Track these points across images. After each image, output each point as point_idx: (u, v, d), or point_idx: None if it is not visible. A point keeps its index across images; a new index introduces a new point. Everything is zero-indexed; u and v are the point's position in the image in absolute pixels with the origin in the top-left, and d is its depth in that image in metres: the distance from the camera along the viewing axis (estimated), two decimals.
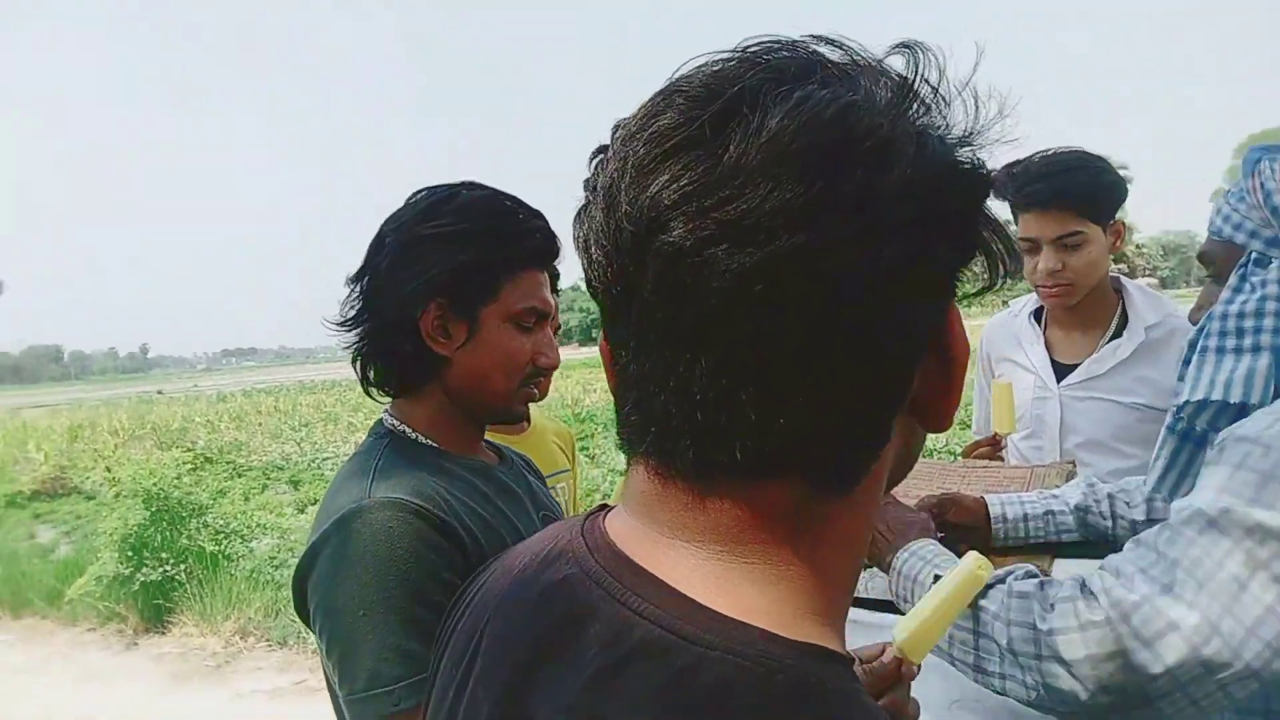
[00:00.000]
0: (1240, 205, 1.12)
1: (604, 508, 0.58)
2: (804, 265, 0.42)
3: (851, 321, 0.43)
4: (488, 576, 0.64)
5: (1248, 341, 1.10)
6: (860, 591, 1.40)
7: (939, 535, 1.42)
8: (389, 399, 1.24)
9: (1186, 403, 1.15)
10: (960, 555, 1.42)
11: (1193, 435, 1.18)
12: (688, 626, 0.46)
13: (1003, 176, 1.87)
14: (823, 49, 0.48)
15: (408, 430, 1.20)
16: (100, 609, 5.78)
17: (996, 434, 1.89)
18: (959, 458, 1.99)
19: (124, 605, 5.70)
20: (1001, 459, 1.89)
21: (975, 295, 0.52)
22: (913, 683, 1.08)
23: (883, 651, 0.95)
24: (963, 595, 0.94)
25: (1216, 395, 1.10)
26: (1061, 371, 1.96)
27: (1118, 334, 1.92)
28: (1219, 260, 1.21)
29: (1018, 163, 1.87)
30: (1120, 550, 1.40)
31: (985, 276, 0.50)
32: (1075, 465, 1.70)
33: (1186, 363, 1.18)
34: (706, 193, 0.43)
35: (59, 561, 7.03)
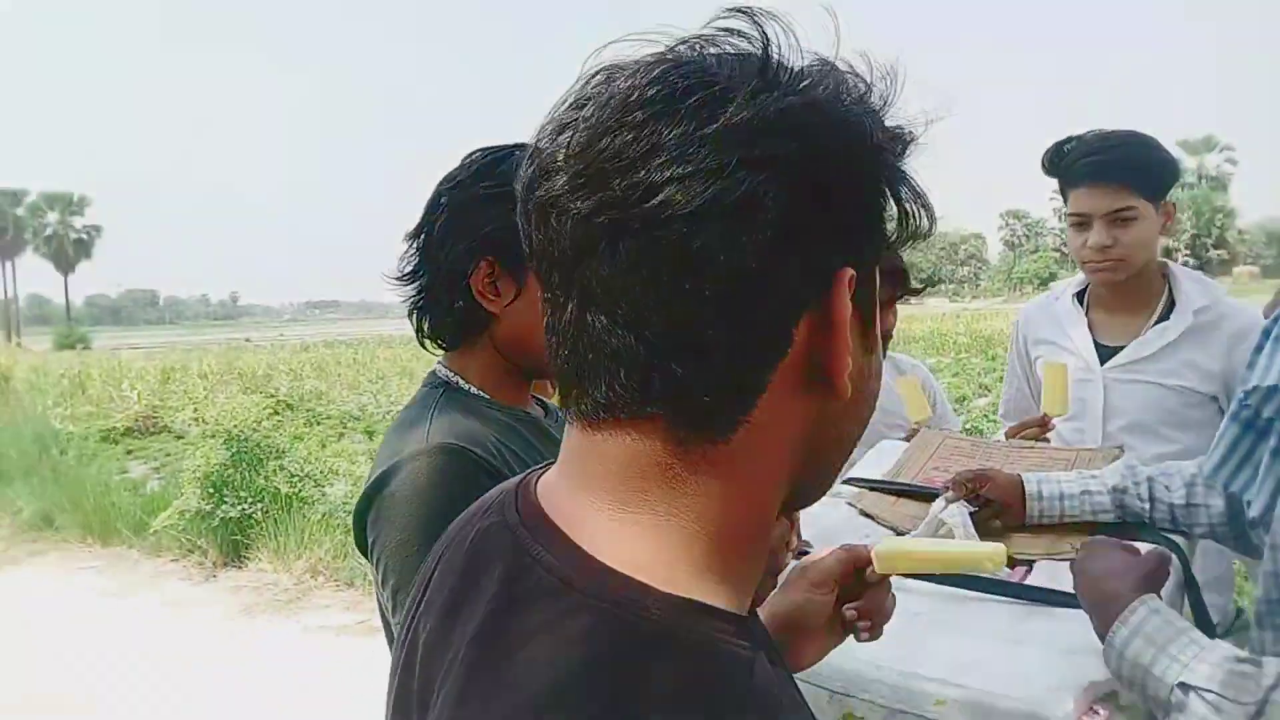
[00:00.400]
0: None
1: (549, 464, 0.61)
2: (634, 205, 0.46)
3: (682, 260, 0.47)
4: (453, 524, 0.70)
5: None
6: None
7: (973, 510, 1.43)
8: (442, 351, 1.30)
9: (1255, 388, 1.12)
10: (990, 529, 1.44)
11: (1257, 424, 1.16)
12: (573, 575, 0.50)
13: (1054, 152, 1.86)
14: (740, 41, 0.51)
15: (460, 381, 1.26)
16: (182, 541, 6.10)
17: (1046, 415, 1.87)
18: (1004, 438, 1.98)
19: (204, 539, 6.00)
20: (1048, 441, 1.88)
21: (885, 249, 0.54)
22: (916, 645, 1.11)
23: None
24: (961, 564, 0.94)
25: None
26: (1105, 354, 1.93)
27: (1164, 317, 1.88)
28: None
29: (1070, 139, 1.85)
30: (1150, 536, 1.39)
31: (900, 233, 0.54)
32: (1123, 451, 1.68)
33: (1259, 349, 1.15)
34: (573, 149, 0.49)
35: (147, 495, 7.41)
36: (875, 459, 1.80)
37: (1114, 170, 1.79)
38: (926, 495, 1.55)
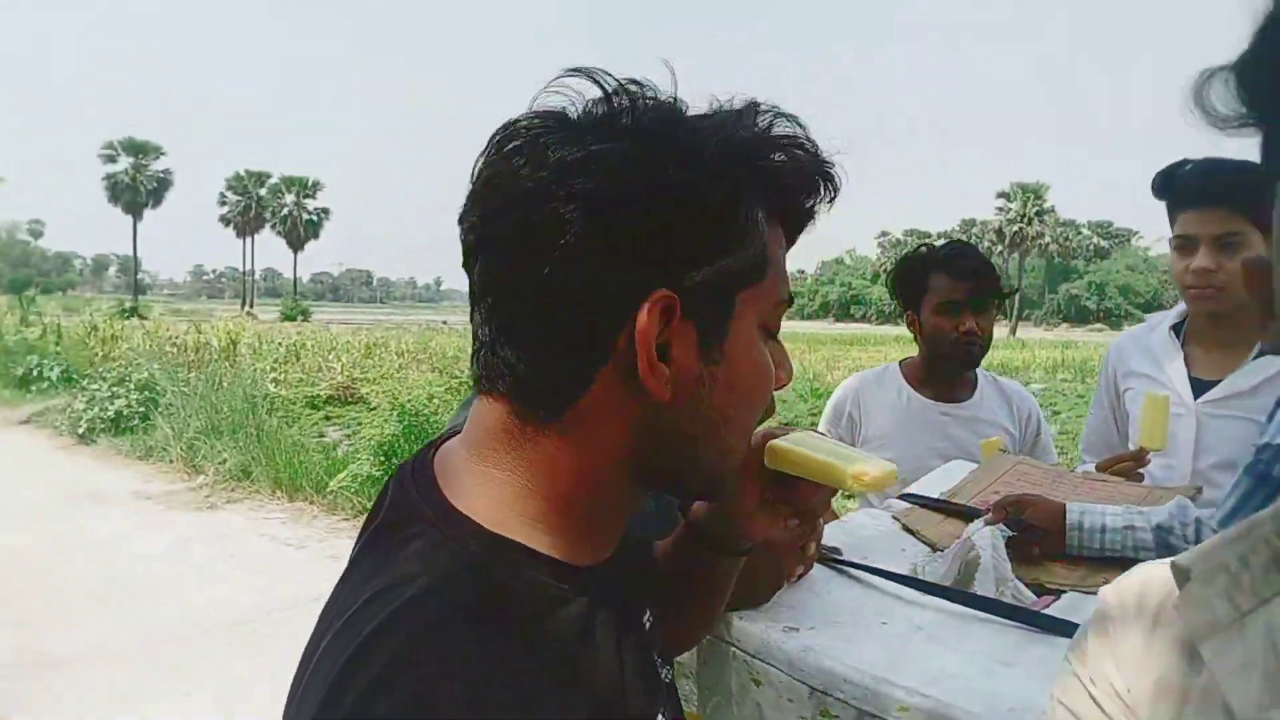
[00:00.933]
0: None
1: None
2: (482, 223, 0.61)
3: (510, 273, 0.60)
4: None
5: None
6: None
7: (1009, 535, 1.42)
8: None
9: (1268, 445, 1.08)
10: (1028, 556, 1.42)
11: (1270, 480, 1.11)
12: (427, 510, 0.62)
13: (1165, 175, 1.78)
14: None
15: None
16: (354, 502, 6.65)
17: (1143, 448, 1.80)
18: (1092, 470, 1.90)
19: (373, 501, 6.49)
20: (1141, 477, 1.80)
21: (688, 269, 0.60)
22: (905, 656, 1.14)
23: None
24: (822, 473, 0.80)
25: None
26: (1199, 388, 1.83)
27: (1264, 353, 1.76)
28: None
29: (1184, 162, 1.77)
30: None
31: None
32: (1201, 491, 1.60)
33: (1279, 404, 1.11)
34: (476, 173, 0.63)
35: (332, 458, 8.09)
36: (940, 477, 1.79)
37: (1225, 194, 1.71)
38: (973, 516, 1.54)
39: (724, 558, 0.93)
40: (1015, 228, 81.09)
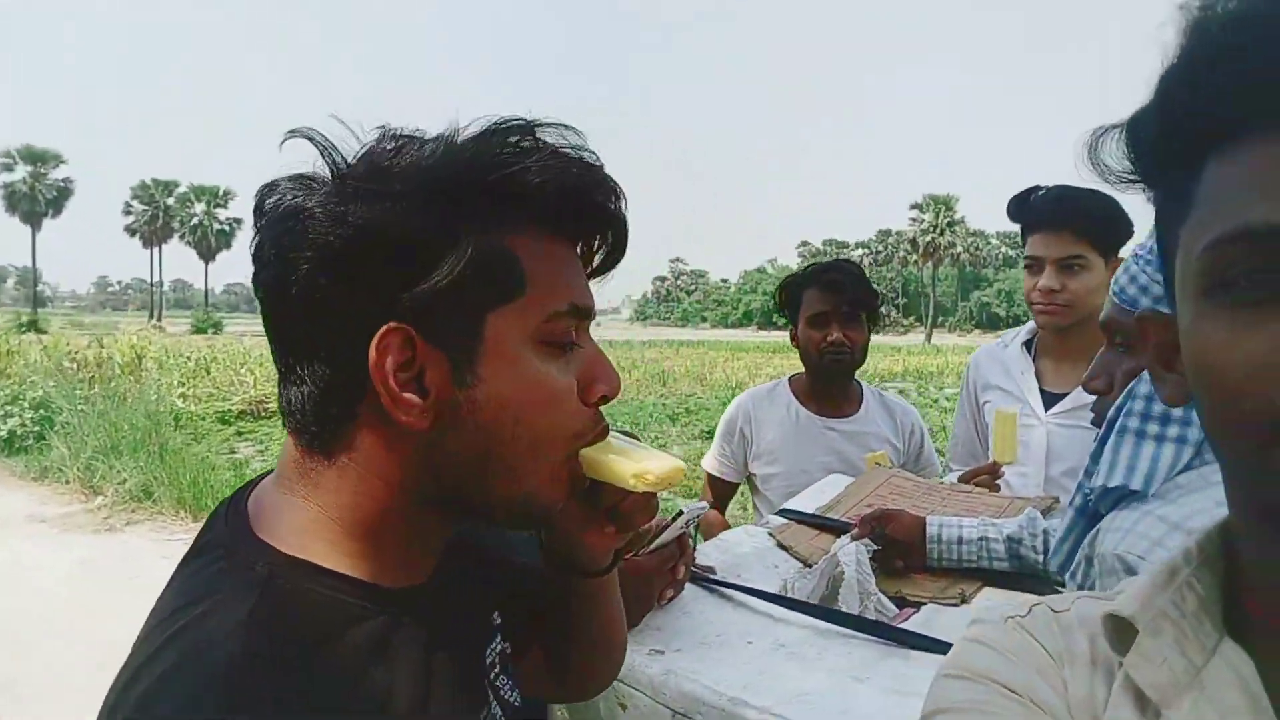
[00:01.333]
0: (1148, 267, 1.04)
1: None
2: (255, 283, 0.66)
3: (269, 321, 0.65)
4: None
5: (1173, 431, 1.01)
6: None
7: (874, 549, 1.46)
8: None
9: (1100, 486, 1.07)
10: (894, 570, 1.46)
11: (1099, 517, 1.11)
12: (225, 536, 0.66)
13: (1020, 200, 1.89)
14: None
15: None
16: None
17: (996, 462, 1.89)
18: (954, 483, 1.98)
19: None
20: (998, 488, 1.88)
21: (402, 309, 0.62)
22: (765, 675, 1.16)
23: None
24: (608, 474, 0.72)
25: (1136, 485, 1.01)
26: (1050, 401, 1.95)
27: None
28: (1126, 329, 1.11)
29: (1038, 188, 1.88)
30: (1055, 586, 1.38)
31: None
32: (1058, 502, 1.67)
33: (1103, 441, 1.09)
34: None
35: (240, 475, 7.85)
36: (817, 492, 1.83)
37: (1070, 219, 1.84)
38: (844, 530, 1.58)
39: (583, 578, 0.89)
40: (928, 238, 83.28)
